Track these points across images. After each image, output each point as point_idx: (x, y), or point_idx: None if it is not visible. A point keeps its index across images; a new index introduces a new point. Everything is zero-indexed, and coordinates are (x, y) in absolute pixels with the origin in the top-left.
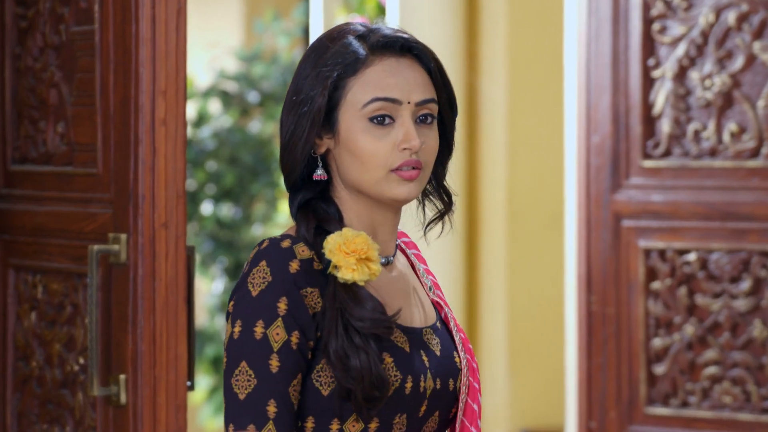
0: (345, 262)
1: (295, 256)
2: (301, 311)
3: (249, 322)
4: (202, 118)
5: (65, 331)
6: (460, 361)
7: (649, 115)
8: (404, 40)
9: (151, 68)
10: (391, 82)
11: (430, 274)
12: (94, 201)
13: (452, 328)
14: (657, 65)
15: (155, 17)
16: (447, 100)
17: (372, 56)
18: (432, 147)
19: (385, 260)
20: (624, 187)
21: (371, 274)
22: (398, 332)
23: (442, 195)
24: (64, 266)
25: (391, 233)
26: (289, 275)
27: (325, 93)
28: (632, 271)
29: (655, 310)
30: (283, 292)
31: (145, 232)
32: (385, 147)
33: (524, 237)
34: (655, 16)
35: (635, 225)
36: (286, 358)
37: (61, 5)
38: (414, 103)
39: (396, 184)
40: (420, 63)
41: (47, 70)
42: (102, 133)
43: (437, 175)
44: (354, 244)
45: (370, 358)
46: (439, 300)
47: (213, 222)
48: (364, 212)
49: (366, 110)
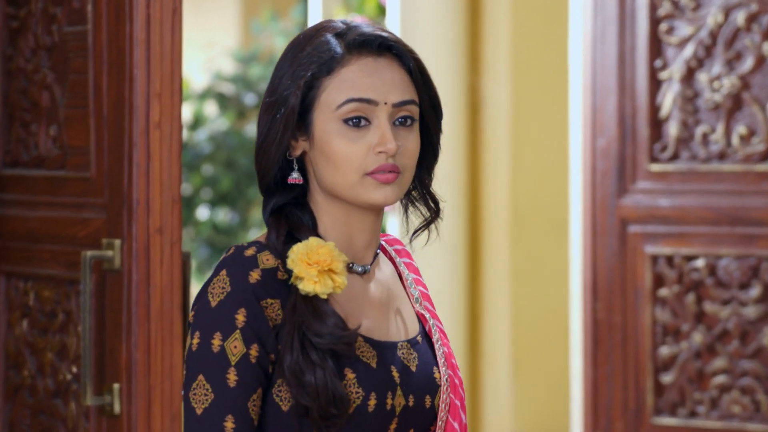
0: (306, 273)
1: (256, 266)
2: (260, 323)
3: (207, 334)
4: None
5: (58, 339)
6: (440, 377)
7: (656, 118)
8: (383, 38)
9: (145, 70)
10: (367, 82)
11: (420, 285)
12: (88, 206)
13: (435, 341)
14: (664, 67)
15: (150, 17)
16: (429, 102)
17: (348, 55)
18: (411, 150)
19: (362, 269)
20: (630, 191)
21: (335, 286)
22: (366, 346)
23: (428, 202)
24: (57, 273)
25: (369, 240)
26: (248, 286)
27: (298, 93)
28: (639, 278)
29: (663, 317)
30: (242, 303)
31: (139, 238)
32: (360, 150)
33: (528, 243)
34: (663, 16)
35: (642, 230)
36: (245, 371)
37: (54, 5)
38: (391, 104)
39: (372, 188)
40: (400, 63)
41: (39, 72)
42: (95, 136)
43: (423, 181)
44: (317, 255)
45: (326, 374)
46: (425, 312)
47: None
48: (341, 218)
49: (340, 111)
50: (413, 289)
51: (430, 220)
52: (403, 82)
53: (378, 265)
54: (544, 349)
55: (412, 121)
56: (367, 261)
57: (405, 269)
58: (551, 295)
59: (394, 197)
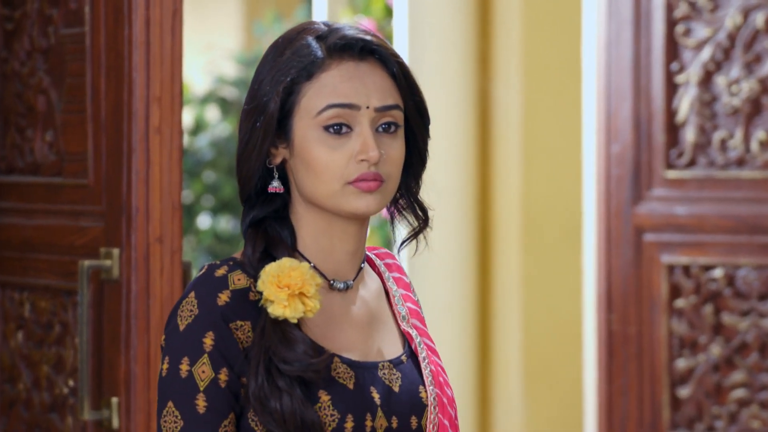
0: (276, 296)
1: (226, 287)
2: (229, 346)
3: (175, 359)
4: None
5: (54, 351)
6: (427, 397)
7: (672, 123)
8: (365, 42)
9: (145, 73)
10: (348, 87)
11: (409, 301)
12: (85, 214)
13: (422, 360)
14: (681, 70)
15: (149, 19)
16: (415, 107)
17: (329, 59)
18: (395, 158)
19: (344, 285)
20: (646, 199)
21: (306, 310)
22: (343, 367)
23: (416, 211)
24: (53, 283)
25: (352, 253)
26: (216, 308)
27: (277, 99)
28: (655, 288)
29: (679, 329)
30: (210, 326)
31: (138, 247)
32: (341, 158)
33: (540, 252)
34: (679, 17)
35: (658, 239)
36: (214, 397)
37: (50, 6)
38: (373, 109)
39: (354, 197)
40: (383, 67)
41: (35, 75)
42: (93, 141)
43: (411, 189)
44: (288, 278)
45: (293, 401)
46: (411, 330)
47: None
48: (322, 229)
49: (320, 118)
50: (400, 306)
51: (418, 230)
52: (386, 86)
53: (363, 280)
54: (556, 362)
55: (396, 128)
56: (350, 276)
57: (394, 285)
58: (564, 305)
59: (376, 206)
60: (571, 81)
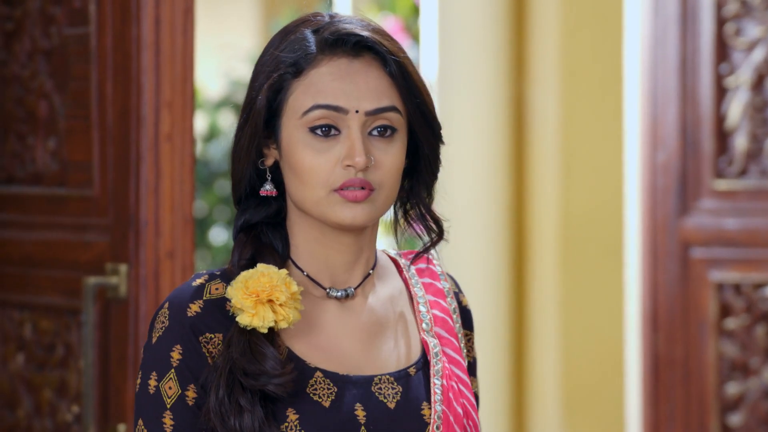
0: (243, 304)
1: (200, 297)
2: (196, 361)
3: (145, 374)
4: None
5: (57, 375)
6: (430, 414)
7: (721, 130)
8: (359, 37)
9: (154, 76)
10: (337, 87)
11: (436, 308)
12: (90, 227)
13: (433, 374)
14: (731, 72)
15: (159, 18)
16: (417, 110)
17: (321, 55)
18: (389, 165)
19: (342, 293)
20: (693, 211)
21: (279, 320)
22: (325, 383)
23: (429, 224)
24: (56, 301)
25: (351, 262)
26: (185, 319)
27: (265, 96)
28: (703, 308)
29: (729, 351)
30: (178, 339)
31: (147, 263)
32: (327, 163)
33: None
34: (729, 16)
35: (706, 255)
36: (182, 415)
37: (53, 5)
38: (363, 113)
39: (340, 206)
40: (382, 64)
41: (36, 79)
42: (99, 149)
43: (422, 199)
44: (257, 284)
45: (254, 420)
46: (430, 339)
47: (225, 251)
48: (314, 237)
49: (306, 119)
50: (424, 313)
51: (432, 243)
52: (381, 86)
53: (372, 287)
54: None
55: (393, 132)
56: (352, 283)
57: (421, 290)
58: (605, 326)
59: (365, 217)
60: (613, 84)
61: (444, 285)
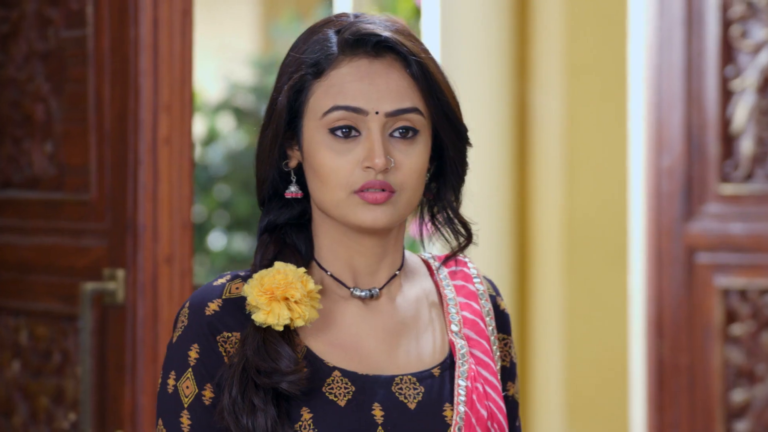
0: (257, 301)
1: (219, 296)
2: (213, 360)
3: (166, 373)
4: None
5: (53, 382)
6: (452, 416)
7: (727, 133)
8: (380, 37)
9: (152, 79)
10: (356, 88)
11: (467, 310)
12: (87, 232)
13: (458, 375)
14: (737, 75)
15: (157, 20)
16: (441, 111)
17: (342, 55)
18: (411, 167)
19: (367, 293)
20: (698, 216)
21: (294, 318)
22: (342, 382)
23: (456, 226)
24: (52, 307)
25: (374, 264)
26: (203, 318)
27: (286, 96)
28: (708, 314)
29: (735, 358)
30: (195, 338)
31: (145, 268)
32: (347, 164)
33: (583, 273)
34: (735, 18)
35: (711, 260)
36: (199, 415)
37: (50, 7)
38: (383, 114)
39: (360, 209)
40: (404, 65)
41: (33, 82)
42: (96, 153)
43: (450, 203)
44: (272, 281)
45: (267, 418)
46: (458, 341)
47: (224, 256)
48: (337, 239)
49: (326, 120)
50: (454, 314)
51: (460, 248)
52: (401, 88)
53: (399, 288)
54: (601, 393)
55: (415, 133)
56: (377, 284)
57: (452, 292)
58: (609, 332)
59: (385, 220)
60: (617, 87)
61: (478, 287)
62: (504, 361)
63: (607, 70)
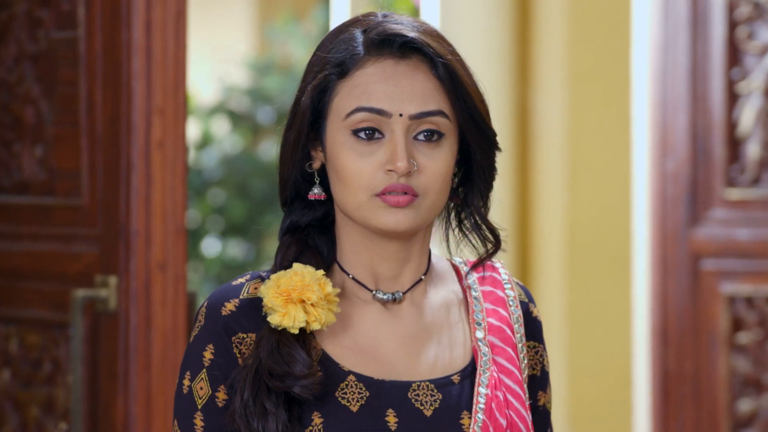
0: (273, 303)
1: (237, 296)
2: (227, 361)
3: (182, 373)
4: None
5: (44, 391)
6: (470, 424)
7: (733, 137)
8: (406, 38)
9: (145, 81)
10: (381, 89)
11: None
12: (79, 238)
13: (478, 382)
14: (743, 77)
15: (150, 21)
16: (468, 115)
17: (367, 55)
18: (435, 170)
19: (389, 296)
20: (704, 221)
21: (311, 320)
22: (357, 386)
23: (483, 232)
24: (43, 315)
25: (397, 268)
26: (219, 318)
27: (310, 97)
28: (714, 321)
29: (741, 367)
30: (210, 338)
31: (138, 275)
32: (370, 167)
33: (586, 280)
34: (741, 19)
35: (717, 266)
36: (213, 416)
37: (40, 7)
38: (408, 116)
39: (382, 212)
40: (430, 66)
41: (23, 84)
42: (88, 157)
43: (476, 208)
44: (289, 283)
45: (278, 423)
46: (482, 347)
47: (218, 263)
48: (360, 243)
49: (349, 121)
50: (479, 321)
51: (488, 255)
52: (427, 90)
53: (423, 293)
54: (604, 403)
55: (440, 136)
56: (401, 287)
57: (479, 298)
58: (613, 340)
59: (408, 224)
60: (621, 90)
61: (508, 293)
62: (534, 370)
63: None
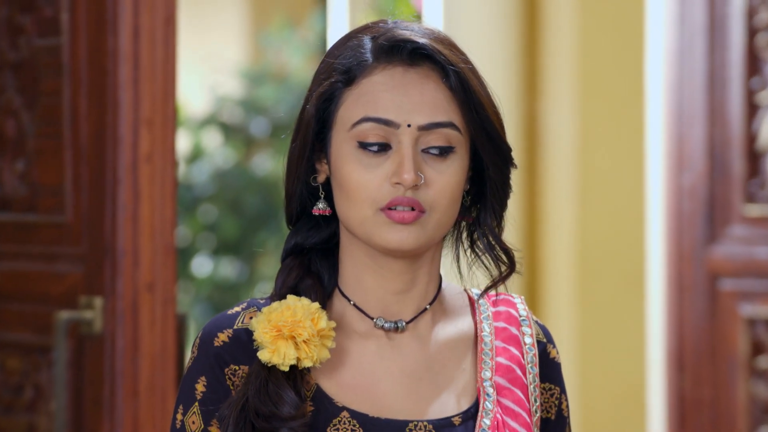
0: (262, 338)
1: (230, 326)
2: (220, 394)
3: (176, 407)
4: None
5: (25, 419)
6: None
7: (752, 150)
8: (416, 44)
9: (132, 91)
10: (388, 99)
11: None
12: (62, 256)
13: (479, 425)
14: (763, 87)
15: (138, 28)
16: (481, 128)
17: (375, 63)
18: (443, 185)
19: (391, 325)
20: (722, 238)
21: (303, 358)
22: (350, 424)
23: (497, 253)
24: (24, 338)
25: (402, 291)
26: (211, 350)
27: (314, 106)
28: (732, 345)
29: (762, 392)
30: (203, 370)
31: (125, 296)
32: (375, 179)
33: (598, 300)
34: (761, 26)
35: (736, 287)
36: None
37: (21, 13)
38: (416, 127)
39: (386, 228)
40: (441, 75)
41: (4, 94)
42: (72, 172)
43: (490, 227)
44: (280, 318)
45: None
46: (487, 388)
47: (210, 283)
48: (364, 264)
49: (355, 132)
50: (487, 360)
51: (502, 277)
52: (437, 100)
53: (428, 324)
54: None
55: (449, 150)
56: (404, 316)
57: (490, 335)
58: (626, 364)
59: (413, 242)
60: (634, 100)
61: (525, 331)
62: (548, 413)
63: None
